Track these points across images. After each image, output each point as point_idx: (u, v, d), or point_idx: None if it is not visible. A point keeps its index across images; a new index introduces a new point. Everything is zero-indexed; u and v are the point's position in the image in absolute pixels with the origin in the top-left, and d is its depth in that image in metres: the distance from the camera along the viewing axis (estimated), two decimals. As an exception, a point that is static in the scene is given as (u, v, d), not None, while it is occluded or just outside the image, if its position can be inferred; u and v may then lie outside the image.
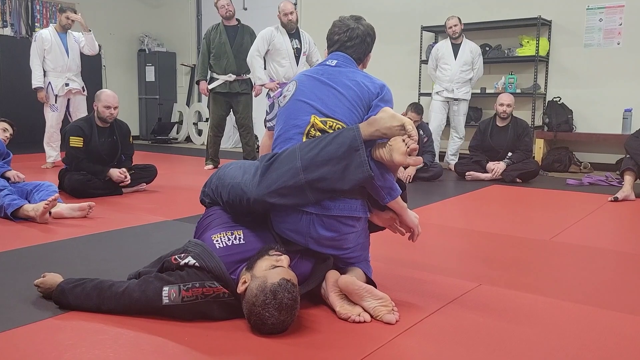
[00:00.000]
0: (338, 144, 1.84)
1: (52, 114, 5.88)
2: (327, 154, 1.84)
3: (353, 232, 1.99)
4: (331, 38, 2.20)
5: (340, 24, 2.18)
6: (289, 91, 2.10)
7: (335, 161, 1.84)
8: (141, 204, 3.97)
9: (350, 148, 1.83)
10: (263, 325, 1.71)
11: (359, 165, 1.84)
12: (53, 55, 5.76)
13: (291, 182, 1.84)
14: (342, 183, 1.85)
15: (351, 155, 1.84)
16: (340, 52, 2.16)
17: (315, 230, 1.92)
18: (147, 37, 9.79)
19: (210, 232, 1.99)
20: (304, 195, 1.86)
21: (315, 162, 1.84)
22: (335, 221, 1.92)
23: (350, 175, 1.84)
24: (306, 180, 1.84)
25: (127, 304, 1.84)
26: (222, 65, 5.93)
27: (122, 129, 4.45)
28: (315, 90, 2.04)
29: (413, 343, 1.74)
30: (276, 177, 1.86)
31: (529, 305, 2.07)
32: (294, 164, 1.85)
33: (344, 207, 1.92)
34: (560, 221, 3.58)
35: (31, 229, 3.15)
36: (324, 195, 1.88)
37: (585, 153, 6.34)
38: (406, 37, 7.28)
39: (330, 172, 1.83)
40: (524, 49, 6.41)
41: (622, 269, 2.63)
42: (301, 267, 1.96)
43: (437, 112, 6.19)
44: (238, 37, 5.97)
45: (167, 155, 7.45)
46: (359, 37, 2.15)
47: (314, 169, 1.84)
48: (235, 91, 5.98)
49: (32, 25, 8.36)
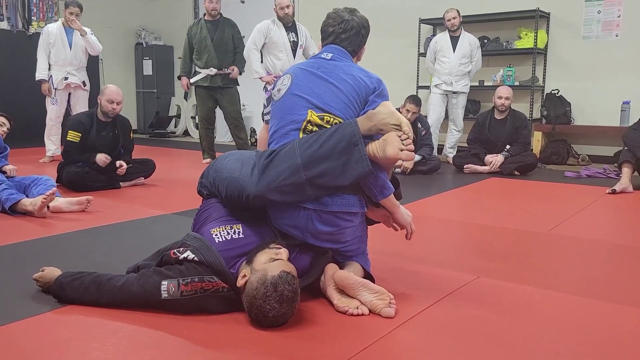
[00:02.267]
0: (337, 139, 1.83)
1: (52, 107, 5.91)
2: (326, 150, 1.83)
3: (350, 226, 1.99)
4: (325, 30, 2.18)
5: (335, 16, 2.16)
6: (283, 84, 2.07)
7: (335, 157, 1.83)
8: (139, 198, 3.97)
9: (349, 143, 1.83)
10: (264, 318, 1.71)
11: (359, 160, 1.83)
12: (56, 49, 5.80)
13: (291, 179, 1.84)
14: (343, 178, 1.84)
15: (351, 151, 1.83)
16: (335, 44, 2.14)
17: (313, 225, 1.93)
18: (145, 30, 9.75)
19: (209, 225, 1.98)
20: (303, 191, 1.86)
21: (315, 158, 1.83)
22: (333, 216, 1.93)
23: (350, 170, 1.84)
24: (306, 177, 1.83)
25: (125, 298, 1.84)
26: (203, 59, 5.93)
27: (123, 124, 4.46)
28: (312, 84, 2.02)
29: (411, 336, 1.74)
30: (276, 175, 1.86)
31: (527, 297, 2.08)
32: (294, 161, 1.84)
33: (342, 203, 1.92)
34: (558, 214, 3.59)
35: (29, 223, 3.15)
36: (324, 192, 1.88)
37: (583, 145, 6.34)
38: (404, 30, 7.25)
39: (331, 168, 1.83)
40: (523, 42, 6.40)
41: (620, 261, 2.63)
42: (300, 261, 1.96)
43: (435, 105, 6.18)
44: (219, 32, 5.95)
45: (165, 149, 7.44)
46: (354, 28, 2.13)
47: (314, 166, 1.83)
48: (217, 85, 5.95)
49: (29, 19, 8.31)
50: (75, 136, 4.22)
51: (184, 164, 5.97)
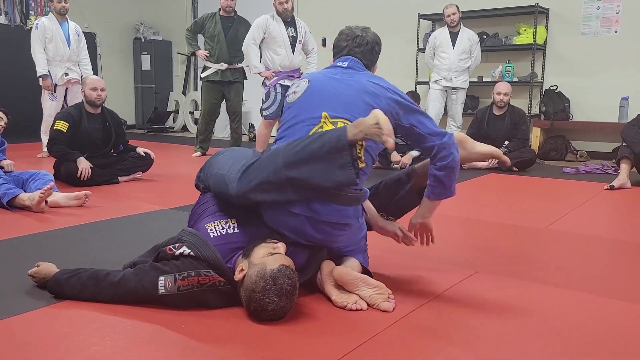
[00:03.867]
0: (322, 142, 1.79)
1: (51, 103, 5.87)
2: (309, 152, 1.79)
3: (344, 234, 1.98)
4: (338, 45, 2.17)
5: (348, 32, 2.17)
6: (299, 87, 2.06)
7: (318, 160, 1.79)
8: (137, 193, 3.97)
9: (333, 148, 1.78)
10: (263, 312, 1.71)
11: (343, 166, 1.78)
12: (54, 44, 5.75)
13: (272, 177, 1.82)
14: (324, 181, 1.80)
15: (334, 156, 1.78)
16: (349, 55, 2.14)
17: (305, 231, 1.91)
18: (143, 25, 9.72)
19: (204, 220, 1.99)
20: (285, 191, 1.83)
21: (296, 159, 1.80)
22: (326, 225, 1.90)
23: (332, 175, 1.79)
24: (287, 176, 1.80)
25: (123, 294, 1.84)
26: (215, 54, 5.99)
27: (114, 117, 4.46)
28: (329, 89, 2.00)
29: (409, 331, 1.74)
30: (257, 173, 1.84)
31: (525, 292, 2.08)
32: (276, 160, 1.83)
33: (334, 214, 1.89)
34: (556, 209, 3.59)
35: (27, 218, 3.14)
36: (305, 194, 1.84)
37: (582, 141, 6.35)
38: (403, 25, 7.24)
39: (312, 171, 1.79)
40: (522, 37, 6.39)
41: (618, 257, 2.64)
42: (296, 257, 1.95)
43: (435, 101, 6.18)
44: (233, 29, 6.01)
45: (163, 144, 7.43)
46: (369, 44, 2.15)
47: (295, 167, 1.80)
48: (227, 80, 6.06)
49: (27, 13, 8.29)
50: (62, 125, 4.18)
51: (182, 159, 5.97)
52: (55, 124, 4.23)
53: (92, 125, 4.29)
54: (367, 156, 1.97)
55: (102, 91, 4.25)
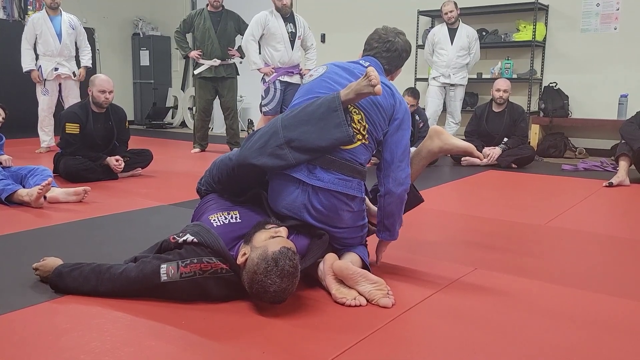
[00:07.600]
0: (317, 105, 1.94)
1: (43, 98, 5.87)
2: (306, 114, 1.94)
3: (347, 210, 2.02)
4: (370, 43, 2.27)
5: (383, 34, 2.25)
6: (317, 72, 2.17)
7: (314, 121, 1.92)
8: (136, 189, 3.96)
9: (328, 109, 1.91)
10: (265, 293, 1.72)
11: (338, 125, 1.91)
12: (44, 39, 5.74)
13: (271, 140, 1.94)
14: (320, 140, 1.92)
15: (330, 115, 1.92)
16: (374, 58, 2.22)
17: (309, 201, 1.97)
18: (142, 20, 9.69)
19: (207, 214, 2.03)
20: (285, 155, 1.92)
21: (295, 121, 1.94)
22: (330, 195, 1.97)
23: (328, 133, 1.92)
24: (285, 138, 1.93)
25: (125, 284, 1.84)
26: (207, 50, 5.95)
27: (118, 114, 4.41)
28: (346, 76, 2.09)
29: (408, 327, 1.75)
30: (258, 138, 1.98)
31: (524, 289, 2.09)
32: (275, 124, 1.96)
33: (339, 183, 1.97)
34: (555, 206, 3.60)
35: (26, 214, 3.14)
36: (304, 156, 1.93)
37: (581, 139, 6.35)
38: (402, 22, 7.20)
39: (309, 131, 1.92)
40: (521, 34, 6.39)
41: (616, 254, 2.64)
42: (297, 243, 1.96)
43: (433, 98, 6.18)
44: (222, 23, 5.98)
45: (162, 140, 7.42)
46: (397, 50, 2.24)
47: (293, 128, 1.93)
48: (220, 75, 6.01)
49: (25, 8, 8.26)
50: (74, 128, 4.15)
51: (181, 155, 5.95)
52: (66, 128, 4.16)
53: (96, 125, 4.26)
54: (370, 138, 2.05)
55: (110, 94, 4.21)
